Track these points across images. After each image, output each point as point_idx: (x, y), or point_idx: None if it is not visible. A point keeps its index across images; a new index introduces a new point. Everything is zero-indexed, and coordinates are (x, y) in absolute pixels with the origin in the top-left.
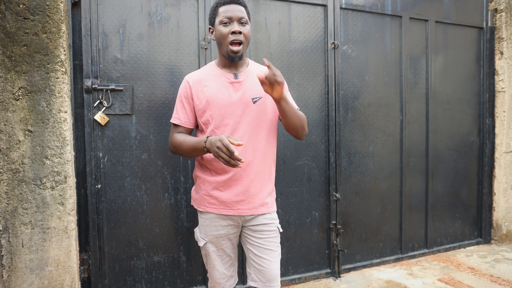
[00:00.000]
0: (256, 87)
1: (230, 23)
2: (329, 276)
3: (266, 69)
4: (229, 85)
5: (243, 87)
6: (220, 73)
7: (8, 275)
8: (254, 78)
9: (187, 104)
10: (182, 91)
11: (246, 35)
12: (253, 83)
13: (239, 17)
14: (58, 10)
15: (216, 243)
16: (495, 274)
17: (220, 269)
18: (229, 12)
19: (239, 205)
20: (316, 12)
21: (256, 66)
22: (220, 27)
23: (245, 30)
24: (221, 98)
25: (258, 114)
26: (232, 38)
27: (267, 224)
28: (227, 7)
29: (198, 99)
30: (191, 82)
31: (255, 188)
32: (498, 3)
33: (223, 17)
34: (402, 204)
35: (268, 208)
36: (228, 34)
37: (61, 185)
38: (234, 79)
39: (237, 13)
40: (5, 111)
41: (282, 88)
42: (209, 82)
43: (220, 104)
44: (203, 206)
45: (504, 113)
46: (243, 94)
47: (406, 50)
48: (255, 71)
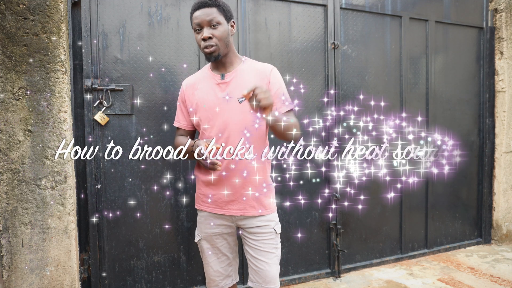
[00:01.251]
0: (244, 86)
1: (200, 29)
2: (329, 276)
3: (260, 65)
4: (216, 86)
5: (229, 87)
6: (210, 75)
7: (8, 275)
8: (243, 77)
9: (184, 107)
10: (179, 95)
11: (218, 36)
12: (241, 82)
13: (207, 20)
14: (58, 10)
15: (210, 240)
16: (495, 274)
17: (214, 266)
18: (198, 18)
19: (229, 205)
20: (316, 12)
21: (251, 64)
22: (195, 35)
23: (216, 32)
24: (207, 100)
25: (244, 114)
26: (203, 45)
27: (262, 226)
28: (197, 12)
29: (190, 102)
30: (184, 86)
31: (244, 189)
32: (498, 3)
33: (194, 25)
34: (402, 204)
35: (262, 210)
36: (200, 41)
37: (61, 185)
38: (220, 80)
39: (205, 18)
40: (5, 111)
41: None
42: (200, 85)
43: (207, 106)
44: (198, 204)
45: (504, 113)
46: (228, 94)
47: (406, 50)
48: (247, 69)
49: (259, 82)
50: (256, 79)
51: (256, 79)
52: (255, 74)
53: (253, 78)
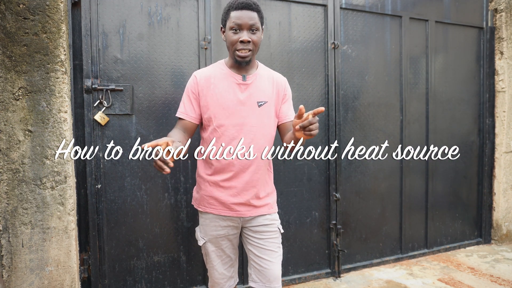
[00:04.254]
0: (263, 91)
1: (239, 31)
2: (329, 276)
3: (276, 75)
4: (236, 86)
5: (250, 89)
6: (229, 73)
7: (8, 275)
8: (262, 81)
9: (194, 99)
10: (190, 86)
11: (255, 42)
12: (260, 87)
13: (249, 24)
14: (58, 10)
15: (215, 243)
16: (495, 274)
17: (219, 269)
18: (240, 19)
19: (238, 207)
20: (316, 12)
21: (266, 69)
22: (229, 33)
23: (254, 37)
24: (226, 98)
25: (261, 118)
26: (240, 47)
27: (268, 224)
28: (239, 12)
29: (204, 96)
30: (198, 78)
31: (254, 190)
32: (498, 3)
33: (233, 23)
34: (402, 204)
35: (268, 209)
36: (237, 42)
37: (61, 185)
38: (242, 81)
39: (248, 21)
40: (5, 111)
41: (311, 137)
42: (217, 80)
43: (225, 104)
44: (203, 206)
45: (504, 113)
46: (249, 96)
47: (406, 50)
48: (264, 74)
49: (275, 90)
50: (273, 86)
51: (273, 86)
52: (273, 81)
53: (271, 84)
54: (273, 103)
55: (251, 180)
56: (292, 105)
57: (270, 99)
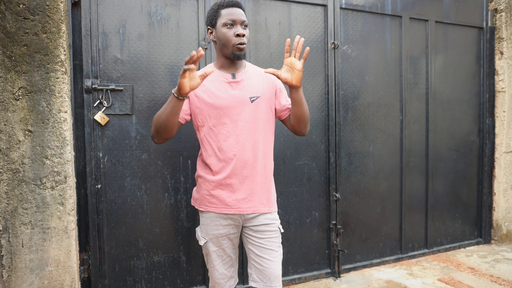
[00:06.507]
0: (254, 87)
1: (233, 26)
2: (329, 276)
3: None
4: (227, 85)
5: (241, 86)
6: (219, 74)
7: (8, 275)
8: (253, 77)
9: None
10: None
11: (247, 37)
12: (251, 83)
13: (242, 20)
14: (58, 10)
15: (216, 242)
16: (495, 274)
17: (220, 269)
18: (233, 15)
19: (239, 204)
20: (316, 12)
21: (254, 67)
22: (223, 29)
23: (246, 33)
24: (219, 97)
25: (256, 113)
26: (238, 41)
27: (268, 224)
28: (231, 10)
29: (196, 97)
30: None
31: (255, 186)
32: (498, 3)
33: (227, 20)
34: (402, 204)
35: (269, 208)
36: (233, 36)
37: (61, 185)
38: (232, 79)
39: (240, 17)
40: (5, 111)
41: (301, 74)
42: (208, 82)
43: (218, 103)
44: (203, 205)
45: (504, 113)
46: (240, 93)
47: (406, 50)
48: (252, 72)
49: (266, 84)
50: (264, 82)
51: (264, 81)
52: (262, 77)
53: (260, 80)
54: (267, 97)
55: (250, 175)
56: (287, 94)
57: (262, 94)
